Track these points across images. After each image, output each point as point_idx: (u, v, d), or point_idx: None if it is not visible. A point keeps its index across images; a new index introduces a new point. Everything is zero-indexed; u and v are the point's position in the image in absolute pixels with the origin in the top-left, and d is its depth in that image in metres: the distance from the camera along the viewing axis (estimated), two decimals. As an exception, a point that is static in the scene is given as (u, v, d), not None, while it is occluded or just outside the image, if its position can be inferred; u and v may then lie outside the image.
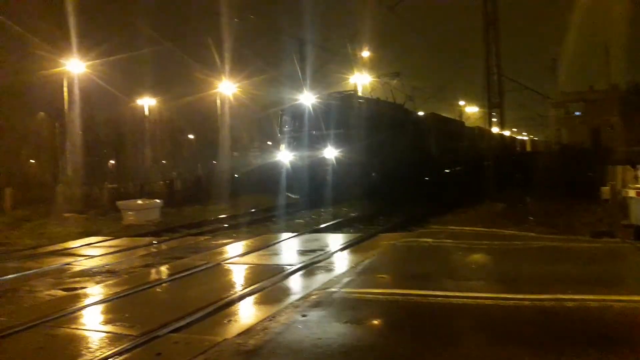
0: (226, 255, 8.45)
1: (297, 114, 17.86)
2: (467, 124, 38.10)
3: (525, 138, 69.42)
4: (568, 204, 12.64)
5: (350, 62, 29.97)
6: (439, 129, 23.57)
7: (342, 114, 16.55)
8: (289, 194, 17.87)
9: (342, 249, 8.35)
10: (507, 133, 43.62)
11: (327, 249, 8.27)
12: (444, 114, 30.80)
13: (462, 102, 55.34)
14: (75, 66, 26.24)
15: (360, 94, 28.84)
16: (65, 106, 26.72)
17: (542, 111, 51.68)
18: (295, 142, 17.35)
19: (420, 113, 25.34)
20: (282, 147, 17.76)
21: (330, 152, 16.23)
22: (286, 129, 18.18)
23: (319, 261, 7.52)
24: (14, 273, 7.67)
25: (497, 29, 21.30)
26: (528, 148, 60.36)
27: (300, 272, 6.82)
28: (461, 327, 4.26)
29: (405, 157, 19.13)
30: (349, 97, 18.20)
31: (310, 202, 16.60)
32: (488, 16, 20.60)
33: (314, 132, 16.95)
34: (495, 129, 33.26)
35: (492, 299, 4.85)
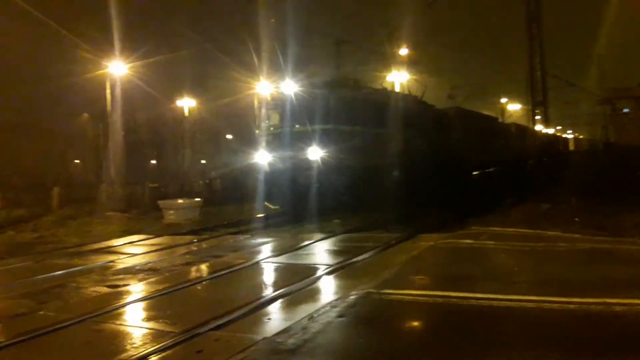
0: (264, 254, 8.52)
1: (280, 107, 15.24)
2: (509, 122, 37.29)
3: (570, 136, 67.49)
4: (616, 205, 12.19)
5: (387, 60, 29.72)
6: (466, 124, 21.40)
7: (333, 107, 13.86)
8: (268, 204, 15.08)
9: (380, 250, 8.30)
10: (550, 131, 42.50)
11: (365, 249, 8.22)
12: (485, 112, 30.13)
13: (504, 100, 54.17)
14: (117, 68, 26.99)
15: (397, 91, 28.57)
16: (108, 107, 27.50)
17: (587, 109, 50.12)
18: (277, 141, 14.59)
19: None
20: (262, 146, 14.87)
21: (316, 153, 13.48)
22: (266, 124, 15.81)
23: (357, 261, 7.49)
24: (61, 270, 7.93)
25: (540, 26, 20.78)
26: (571, 147, 58.68)
27: (338, 272, 6.81)
28: (503, 331, 4.15)
29: (421, 156, 17.52)
30: (343, 86, 15.21)
31: (295, 213, 13.73)
32: (531, 12, 20.10)
33: (298, 128, 14.18)
34: (538, 127, 32.44)
35: (535, 302, 4.71)
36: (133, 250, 9.81)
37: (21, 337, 4.71)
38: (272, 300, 5.57)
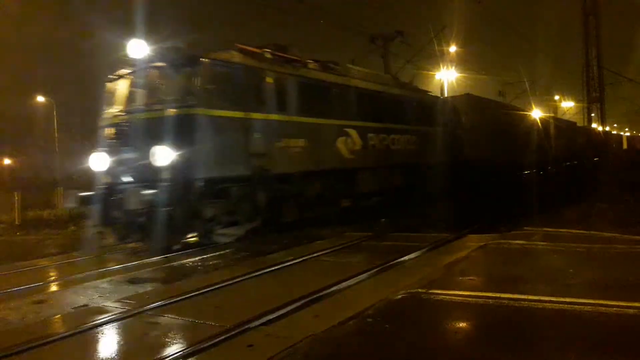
0: (311, 251, 8.60)
1: (124, 88, 9.87)
2: (562, 119, 36.07)
3: (626, 134, 64.49)
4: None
5: (436, 58, 29.25)
6: (480, 117, 19.08)
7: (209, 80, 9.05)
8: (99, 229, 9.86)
9: (428, 250, 8.23)
10: (603, 129, 40.74)
11: (413, 249, 8.17)
12: (539, 110, 29.29)
13: (557, 97, 52.35)
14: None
15: (446, 91, 28.19)
16: None
17: (647, 105, 47.80)
18: (117, 136, 9.49)
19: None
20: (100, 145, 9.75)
21: (164, 156, 8.52)
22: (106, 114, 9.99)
23: (405, 261, 7.46)
24: (120, 264, 8.30)
25: (597, 18, 19.95)
26: (624, 145, 56.11)
27: (386, 272, 6.81)
28: (557, 334, 4.05)
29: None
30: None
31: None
32: (588, 4, 19.34)
33: (146, 115, 9.18)
34: (593, 125, 31.21)
35: (591, 305, 4.56)
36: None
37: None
38: (320, 297, 5.64)
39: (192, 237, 9.74)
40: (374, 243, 9.45)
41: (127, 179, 9.18)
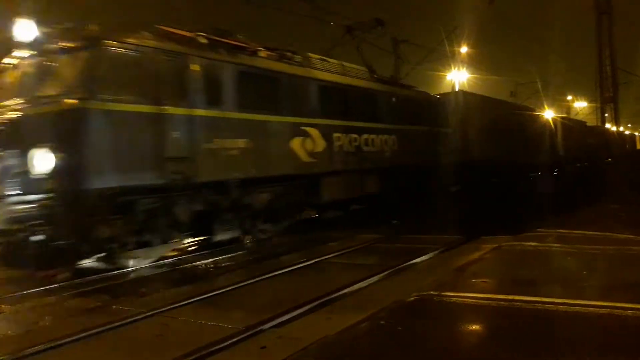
0: (321, 253, 8.61)
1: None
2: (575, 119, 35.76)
3: (638, 134, 63.78)
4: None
5: (447, 59, 29.18)
6: (480, 115, 18.14)
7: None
8: None
9: (441, 252, 8.20)
10: (615, 128, 40.32)
11: (425, 252, 8.15)
12: (551, 110, 29.03)
13: (569, 97, 51.95)
14: None
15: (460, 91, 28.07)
16: None
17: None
18: None
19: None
20: None
21: (45, 161, 7.00)
22: None
23: (417, 263, 7.45)
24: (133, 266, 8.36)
25: (610, 17, 19.76)
26: (638, 145, 55.44)
27: (398, 274, 6.80)
28: (571, 338, 4.01)
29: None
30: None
31: None
32: (600, 3, 19.16)
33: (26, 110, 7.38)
34: (607, 125, 30.91)
35: (607, 308, 4.51)
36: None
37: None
38: (333, 299, 5.64)
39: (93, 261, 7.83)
40: (386, 245, 9.45)
41: (7, 191, 7.24)
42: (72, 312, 5.85)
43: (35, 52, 7.67)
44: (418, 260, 7.60)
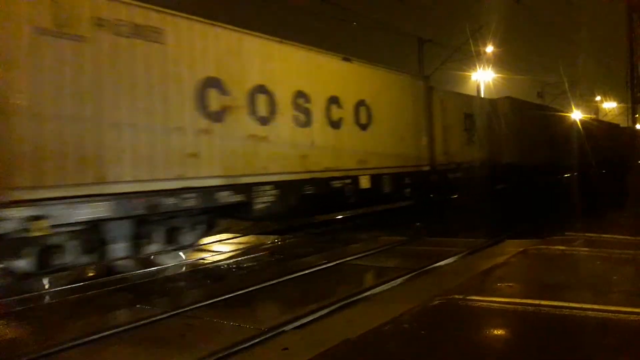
0: (344, 255, 8.58)
1: None
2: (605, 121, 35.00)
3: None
4: None
5: (472, 59, 28.83)
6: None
7: None
8: None
9: (465, 255, 8.09)
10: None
11: (449, 255, 8.05)
12: (579, 110, 28.50)
13: (598, 98, 50.85)
14: None
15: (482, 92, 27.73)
16: None
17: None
18: None
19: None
20: None
21: None
22: None
23: (441, 266, 7.36)
24: (156, 266, 8.46)
25: (642, 15, 19.25)
26: None
27: (421, 277, 6.72)
28: (600, 345, 3.91)
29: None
30: None
31: None
32: (631, 2, 18.68)
33: None
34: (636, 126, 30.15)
35: (637, 315, 4.39)
36: (221, 248, 10.21)
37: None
38: (355, 302, 5.61)
39: None
40: (409, 247, 9.37)
41: None
42: (97, 311, 5.93)
43: None
44: (442, 263, 7.51)
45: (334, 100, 10.53)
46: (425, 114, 13.92)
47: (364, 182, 11.12)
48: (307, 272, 7.38)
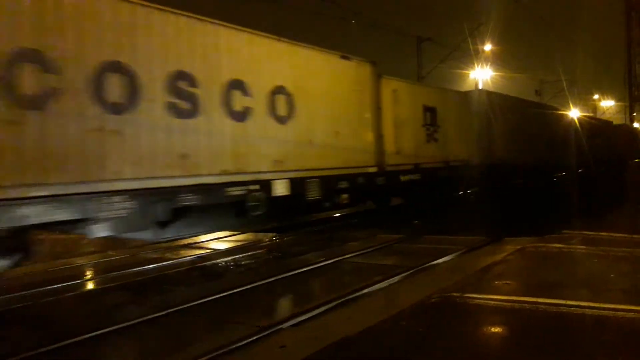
0: (342, 252, 8.58)
1: None
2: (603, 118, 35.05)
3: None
4: None
5: (471, 57, 28.83)
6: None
7: None
8: None
9: (463, 253, 8.10)
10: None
11: (447, 252, 8.06)
12: (577, 109, 28.45)
13: (596, 96, 50.94)
14: None
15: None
16: None
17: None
18: None
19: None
20: None
21: None
22: None
23: (439, 264, 7.37)
24: (154, 263, 8.46)
25: (640, 14, 19.30)
26: None
27: (419, 275, 6.73)
28: (597, 342, 3.92)
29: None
30: None
31: None
32: (630, 0, 18.72)
33: None
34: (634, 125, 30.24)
35: (634, 312, 4.40)
36: (218, 245, 10.21)
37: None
38: (354, 299, 5.61)
39: None
40: (407, 245, 9.37)
41: None
42: (94, 309, 5.92)
43: None
44: (440, 261, 7.52)
45: (236, 86, 8.21)
46: (373, 106, 11.57)
47: (280, 188, 8.94)
48: (304, 269, 7.38)
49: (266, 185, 8.65)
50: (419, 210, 13.78)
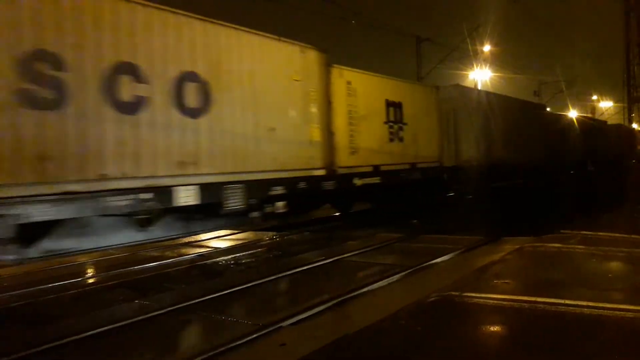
0: (341, 251, 8.60)
1: None
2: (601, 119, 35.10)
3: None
4: None
5: (470, 58, 28.87)
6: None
7: None
8: None
9: (462, 252, 8.12)
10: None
11: (446, 252, 8.08)
12: (575, 110, 28.37)
13: (594, 97, 51.04)
14: None
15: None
16: None
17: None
18: None
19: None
20: None
21: None
22: None
23: (438, 263, 7.39)
24: (155, 262, 8.47)
25: (639, 16, 19.32)
26: None
27: (418, 274, 6.75)
28: (596, 341, 3.94)
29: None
30: None
31: None
32: (628, 2, 18.76)
33: None
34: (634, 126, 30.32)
35: (633, 312, 4.43)
36: (219, 244, 10.22)
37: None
38: (352, 298, 5.63)
39: None
40: (406, 245, 9.39)
41: None
42: (95, 306, 5.93)
43: None
44: (439, 260, 7.54)
45: (125, 70, 6.66)
46: (321, 99, 10.03)
47: (185, 197, 7.31)
48: (304, 268, 7.40)
49: (165, 193, 7.03)
50: (416, 210, 13.77)
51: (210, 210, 7.89)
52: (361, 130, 11.25)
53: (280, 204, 9.10)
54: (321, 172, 9.95)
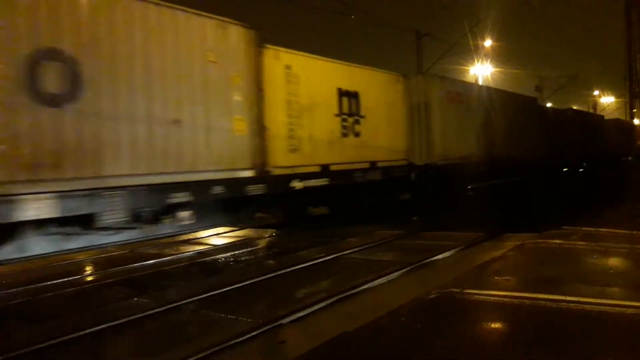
0: (341, 249, 8.57)
1: None
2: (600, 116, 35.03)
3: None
4: None
5: (471, 53, 28.76)
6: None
7: None
8: None
9: (462, 249, 8.09)
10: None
11: (446, 248, 8.05)
12: (575, 105, 28.21)
13: (596, 92, 50.94)
14: None
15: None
16: None
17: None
18: None
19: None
20: None
21: None
22: None
23: (438, 260, 7.36)
24: (154, 259, 8.44)
25: (640, 10, 19.23)
26: None
27: (418, 271, 6.73)
28: (598, 337, 3.91)
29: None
30: None
31: None
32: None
33: None
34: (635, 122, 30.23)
35: (635, 308, 4.39)
36: (218, 241, 10.21)
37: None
38: (352, 295, 5.61)
39: None
40: (406, 241, 9.37)
41: None
42: (94, 304, 5.91)
43: None
44: (439, 257, 7.51)
45: None
46: (248, 86, 8.46)
47: (36, 210, 5.75)
48: (304, 265, 7.37)
49: (4, 205, 5.47)
50: (418, 205, 13.72)
51: (82, 224, 6.51)
52: (304, 124, 9.69)
53: (184, 213, 7.65)
54: (248, 174, 8.47)
